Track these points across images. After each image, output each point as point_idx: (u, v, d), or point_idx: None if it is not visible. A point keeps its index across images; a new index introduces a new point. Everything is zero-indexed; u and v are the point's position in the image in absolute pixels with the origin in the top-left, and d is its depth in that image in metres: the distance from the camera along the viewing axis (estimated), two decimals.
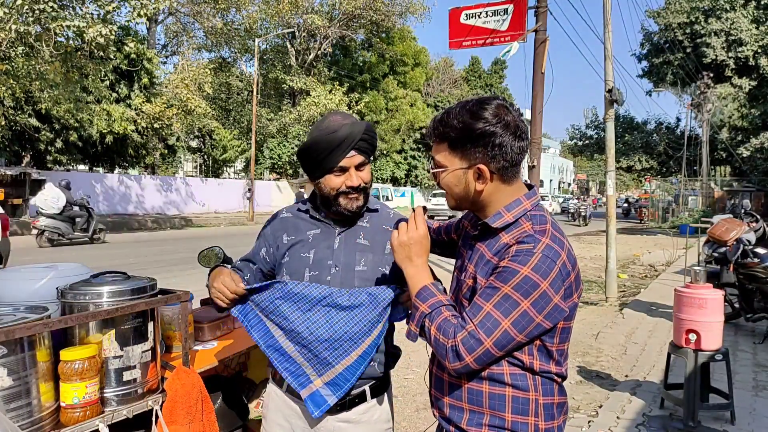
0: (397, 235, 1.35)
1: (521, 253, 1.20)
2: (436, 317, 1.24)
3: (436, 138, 1.33)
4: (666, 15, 27.92)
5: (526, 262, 1.18)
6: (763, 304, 5.93)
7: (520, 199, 1.31)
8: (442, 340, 1.21)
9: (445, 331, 1.21)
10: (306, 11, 29.72)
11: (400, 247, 1.33)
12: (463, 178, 1.31)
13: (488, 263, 1.28)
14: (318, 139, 1.51)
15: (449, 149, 1.31)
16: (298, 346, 1.52)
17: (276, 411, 1.68)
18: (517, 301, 1.17)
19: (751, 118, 25.48)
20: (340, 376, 1.51)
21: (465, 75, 48.12)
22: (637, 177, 41.67)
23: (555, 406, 1.30)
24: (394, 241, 1.35)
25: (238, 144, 31.70)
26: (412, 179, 40.79)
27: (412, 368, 4.84)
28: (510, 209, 1.30)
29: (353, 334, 1.49)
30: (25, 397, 1.39)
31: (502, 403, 1.27)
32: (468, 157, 1.28)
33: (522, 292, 1.17)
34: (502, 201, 1.31)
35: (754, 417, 3.82)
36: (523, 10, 9.28)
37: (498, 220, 1.30)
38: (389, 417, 1.70)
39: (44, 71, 13.56)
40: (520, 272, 1.18)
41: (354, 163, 1.54)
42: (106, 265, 8.92)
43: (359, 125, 1.54)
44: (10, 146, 19.58)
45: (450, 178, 1.32)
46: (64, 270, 1.81)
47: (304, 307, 1.50)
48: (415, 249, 1.33)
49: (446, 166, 1.32)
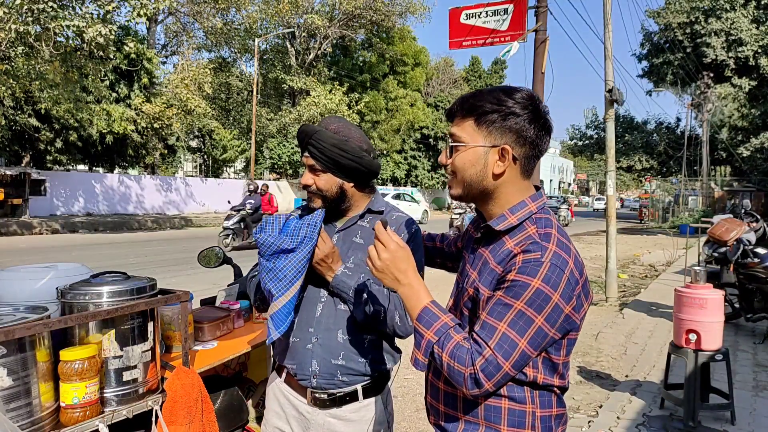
0: (372, 265, 1.24)
1: (529, 264, 1.14)
2: (447, 343, 1.15)
3: (463, 111, 1.25)
4: (666, 15, 27.92)
5: (536, 274, 1.12)
6: (763, 304, 5.93)
7: (526, 201, 1.26)
8: (458, 368, 1.12)
9: (460, 358, 1.13)
10: (306, 11, 29.72)
11: (381, 275, 1.23)
12: (483, 158, 1.23)
13: (492, 272, 1.22)
14: (302, 127, 1.64)
15: (475, 124, 1.23)
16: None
17: (273, 398, 1.75)
18: (531, 318, 1.12)
19: (751, 118, 25.49)
20: (279, 313, 1.56)
21: (465, 75, 48.07)
22: (637, 177, 41.68)
23: (553, 418, 1.26)
24: (374, 272, 1.24)
25: (238, 144, 31.71)
26: (412, 179, 40.78)
27: (413, 368, 4.84)
28: (514, 212, 1.25)
29: (290, 271, 1.55)
30: (24, 397, 1.39)
31: (498, 415, 1.23)
32: (494, 135, 1.22)
33: (535, 307, 1.12)
34: (510, 198, 1.26)
35: (754, 417, 3.82)
36: (523, 10, 9.29)
37: (501, 223, 1.24)
38: (384, 419, 1.69)
39: (44, 71, 13.56)
40: (531, 285, 1.12)
41: (307, 164, 1.64)
42: (106, 265, 8.92)
43: (310, 129, 1.60)
44: (10, 146, 19.59)
45: (468, 155, 1.24)
46: (64, 270, 1.81)
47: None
48: (394, 268, 1.22)
49: (466, 142, 1.24)
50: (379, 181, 38.12)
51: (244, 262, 2.50)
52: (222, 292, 2.56)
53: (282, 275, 1.52)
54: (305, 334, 1.63)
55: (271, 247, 1.53)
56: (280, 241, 1.53)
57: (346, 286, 1.58)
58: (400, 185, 40.42)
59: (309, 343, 1.62)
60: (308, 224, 1.55)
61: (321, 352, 1.61)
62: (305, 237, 1.54)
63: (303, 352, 1.62)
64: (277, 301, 1.55)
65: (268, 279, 1.53)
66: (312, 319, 1.63)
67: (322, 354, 1.60)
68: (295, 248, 1.53)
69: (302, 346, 1.63)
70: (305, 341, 1.62)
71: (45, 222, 17.17)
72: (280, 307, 1.55)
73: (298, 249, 1.53)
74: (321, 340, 1.61)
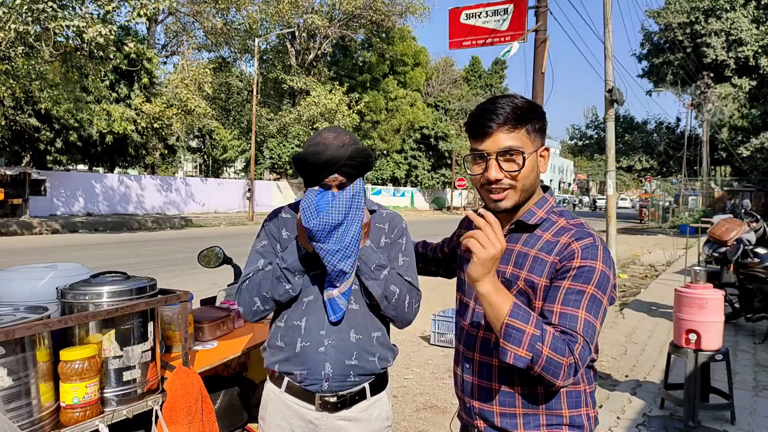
0: (480, 247, 1.12)
1: (588, 249, 1.23)
2: (545, 336, 1.13)
3: (513, 122, 1.27)
4: (666, 15, 27.92)
5: (596, 257, 1.22)
6: (763, 304, 5.92)
7: (546, 197, 1.37)
8: (557, 359, 1.12)
9: (560, 349, 1.13)
10: (306, 11, 29.72)
11: (488, 261, 1.13)
12: (536, 162, 1.32)
13: (543, 262, 1.27)
14: (305, 157, 1.53)
15: (526, 132, 1.29)
16: None
17: (275, 411, 1.68)
18: (600, 300, 1.20)
19: (751, 118, 25.49)
20: (350, 288, 1.59)
21: (465, 75, 48.10)
22: (637, 177, 41.69)
23: (594, 392, 1.36)
24: (483, 254, 1.12)
25: (238, 144, 31.71)
26: (413, 179, 40.77)
27: (412, 368, 4.84)
28: (540, 207, 1.34)
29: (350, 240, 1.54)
30: (24, 397, 1.39)
31: (558, 400, 1.28)
32: (538, 139, 1.31)
33: (602, 288, 1.20)
34: (535, 195, 1.35)
35: (754, 417, 3.82)
36: (523, 10, 9.29)
37: (533, 218, 1.32)
38: (389, 415, 1.72)
39: (44, 71, 13.57)
40: (597, 268, 1.20)
41: (335, 183, 1.56)
42: (106, 265, 8.92)
43: (344, 150, 1.52)
44: (10, 146, 19.59)
45: (530, 163, 1.29)
46: (64, 270, 1.81)
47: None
48: (495, 262, 1.16)
49: (526, 151, 1.28)
50: (379, 181, 38.12)
51: (245, 262, 2.50)
52: (222, 292, 2.56)
53: (349, 252, 1.53)
54: (316, 337, 1.60)
55: (325, 228, 1.50)
56: (329, 217, 1.50)
57: (372, 259, 1.59)
58: (400, 185, 40.43)
59: (321, 346, 1.60)
60: (351, 194, 1.54)
61: (335, 354, 1.59)
62: (351, 206, 1.53)
63: (315, 356, 1.59)
64: (349, 278, 1.57)
65: (338, 260, 1.52)
66: (322, 322, 1.61)
67: (335, 356, 1.59)
68: (344, 219, 1.52)
69: (313, 350, 1.60)
70: (317, 345, 1.60)
71: (45, 222, 17.17)
72: (351, 283, 1.58)
73: (347, 219, 1.53)
74: (334, 342, 1.60)
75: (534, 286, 1.26)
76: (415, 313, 1.68)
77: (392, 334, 1.78)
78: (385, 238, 1.69)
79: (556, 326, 1.17)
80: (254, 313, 1.64)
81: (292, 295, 1.61)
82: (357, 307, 1.63)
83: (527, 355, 1.12)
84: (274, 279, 1.59)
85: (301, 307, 1.63)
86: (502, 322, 1.13)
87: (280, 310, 1.68)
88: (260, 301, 1.62)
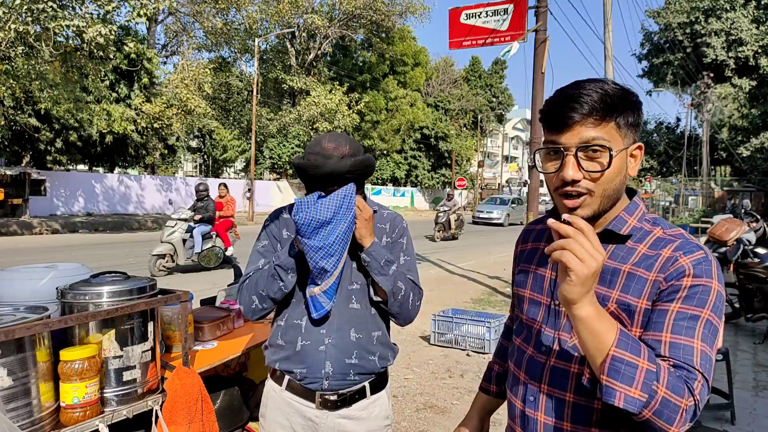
0: (578, 261, 0.90)
1: (701, 264, 1.01)
2: (662, 373, 0.92)
3: (604, 112, 1.03)
4: (666, 15, 27.95)
5: (711, 274, 1.01)
6: (763, 304, 5.93)
7: (635, 201, 1.13)
8: (675, 400, 0.91)
9: (678, 388, 0.92)
10: (306, 11, 29.71)
11: (588, 279, 0.91)
12: (624, 163, 1.06)
13: (641, 280, 1.04)
14: (305, 169, 1.55)
15: (616, 125, 1.04)
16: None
17: (275, 409, 1.69)
18: (716, 327, 1.00)
19: (751, 118, 25.51)
20: (332, 286, 1.58)
21: (465, 75, 48.05)
22: (637, 177, 41.69)
23: None
24: (582, 270, 0.90)
25: (238, 144, 31.70)
26: (413, 179, 40.77)
27: (412, 368, 4.84)
28: (631, 213, 1.10)
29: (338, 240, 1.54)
30: (24, 397, 1.39)
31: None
32: (629, 135, 1.06)
33: (718, 313, 1.00)
34: (623, 200, 1.12)
35: (754, 417, 3.82)
36: (523, 9, 9.29)
37: (624, 226, 1.09)
38: (389, 413, 1.73)
39: (44, 71, 13.56)
40: (712, 288, 1.00)
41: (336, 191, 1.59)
42: (106, 265, 8.91)
43: (343, 164, 1.53)
44: (10, 146, 19.58)
45: (617, 162, 1.04)
46: (64, 270, 1.81)
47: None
48: (596, 280, 0.93)
49: (614, 148, 1.03)
50: (379, 181, 38.13)
51: (245, 262, 2.50)
52: (222, 292, 2.57)
53: (333, 250, 1.53)
54: (317, 336, 1.62)
55: (311, 223, 1.51)
56: (317, 213, 1.51)
57: (381, 255, 1.59)
58: (400, 185, 40.44)
59: (322, 345, 1.61)
60: (342, 195, 1.54)
61: (335, 353, 1.61)
62: (341, 206, 1.53)
63: (315, 354, 1.61)
64: (331, 277, 1.56)
65: (320, 257, 1.52)
66: (323, 321, 1.63)
67: (336, 354, 1.61)
68: (332, 218, 1.52)
69: (314, 348, 1.61)
70: (317, 343, 1.62)
71: (45, 222, 17.17)
72: (334, 281, 1.58)
73: (335, 219, 1.53)
74: (334, 341, 1.61)
75: (630, 310, 1.03)
76: (417, 311, 1.70)
77: (392, 334, 1.79)
78: (386, 238, 1.71)
79: (666, 359, 0.97)
80: (254, 311, 1.65)
81: (285, 292, 1.61)
82: (358, 307, 1.64)
83: (642, 396, 0.90)
84: (269, 277, 1.61)
85: (301, 305, 1.64)
86: (607, 354, 0.91)
87: (281, 309, 1.70)
88: (258, 300, 1.63)
